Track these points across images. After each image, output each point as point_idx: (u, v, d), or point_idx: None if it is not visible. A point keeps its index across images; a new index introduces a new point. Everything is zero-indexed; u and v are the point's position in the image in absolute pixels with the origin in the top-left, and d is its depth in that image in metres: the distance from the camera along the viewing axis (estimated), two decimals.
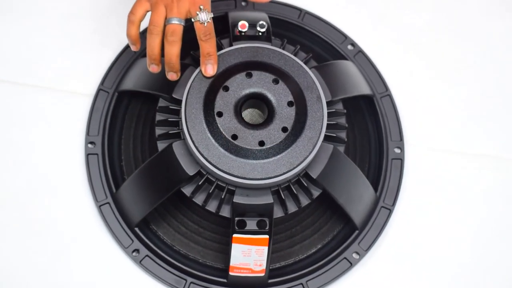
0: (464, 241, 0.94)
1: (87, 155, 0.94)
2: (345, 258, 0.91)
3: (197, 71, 0.86)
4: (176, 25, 0.83)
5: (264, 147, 0.83)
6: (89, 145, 0.94)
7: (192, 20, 0.84)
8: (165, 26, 0.83)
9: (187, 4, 0.84)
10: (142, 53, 0.97)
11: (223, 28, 0.94)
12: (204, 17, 0.83)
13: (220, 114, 0.84)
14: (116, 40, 0.99)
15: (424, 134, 0.99)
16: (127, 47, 0.98)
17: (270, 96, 0.85)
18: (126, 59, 0.98)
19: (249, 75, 0.86)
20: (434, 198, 0.96)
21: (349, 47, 1.02)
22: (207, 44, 0.84)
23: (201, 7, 0.83)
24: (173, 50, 0.83)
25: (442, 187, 0.96)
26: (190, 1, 0.84)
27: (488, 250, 0.94)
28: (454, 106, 1.01)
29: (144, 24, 0.86)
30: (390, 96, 0.99)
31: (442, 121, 1.00)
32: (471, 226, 0.95)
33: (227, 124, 0.84)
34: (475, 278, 0.93)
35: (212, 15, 0.84)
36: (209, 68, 0.84)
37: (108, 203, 0.92)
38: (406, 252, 0.93)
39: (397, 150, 0.97)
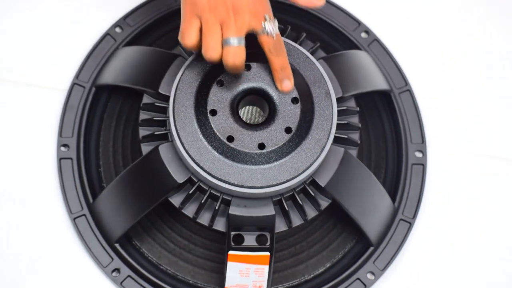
0: (496, 260, 0.96)
1: (60, 159, 0.95)
2: (358, 279, 0.93)
3: (187, 62, 0.87)
4: (237, 48, 0.80)
5: (264, 151, 0.85)
6: (62, 148, 0.96)
7: (257, 33, 0.81)
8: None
9: (247, 16, 0.79)
10: (124, 42, 1.00)
11: None
12: (271, 28, 0.80)
13: (214, 113, 0.86)
14: (93, 27, 1.01)
15: (449, 136, 1.01)
16: (106, 34, 1.00)
17: (271, 91, 0.87)
18: (106, 49, 0.99)
19: (247, 67, 0.87)
20: (461, 209, 0.98)
21: (363, 34, 1.04)
22: (279, 58, 0.83)
23: (266, 16, 0.80)
24: (237, 73, 0.83)
25: (471, 196, 0.98)
26: (251, 11, 0.79)
27: None
28: (485, 104, 1.03)
29: None
30: (410, 91, 1.01)
31: (471, 121, 1.02)
32: (506, 242, 0.96)
33: (222, 124, 0.85)
34: None
35: (277, 23, 0.82)
36: (287, 84, 0.84)
37: (84, 215, 0.93)
38: (428, 272, 0.95)
39: (419, 154, 0.99)
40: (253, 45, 0.83)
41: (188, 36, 0.80)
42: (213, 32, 0.79)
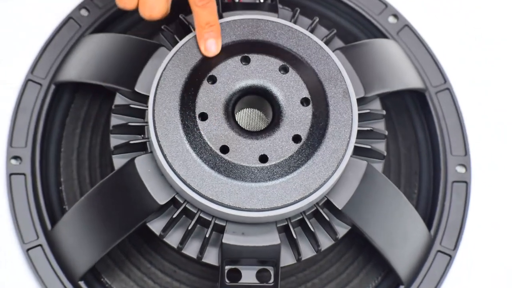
0: None
1: (10, 175, 0.96)
2: None
3: (170, 54, 0.88)
4: None
5: (267, 164, 0.86)
6: (13, 161, 0.97)
7: None
8: None
9: None
10: (91, 28, 1.01)
11: None
12: None
13: (204, 117, 0.87)
14: (53, 8, 1.02)
15: (499, 146, 1.02)
16: (69, 18, 1.01)
17: (276, 90, 0.88)
18: (68, 37, 1.01)
19: (246, 61, 0.89)
20: None
21: (391, 19, 1.05)
22: (206, 11, 0.85)
23: None
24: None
25: None
26: None
27: None
28: None
29: None
30: (449, 90, 1.02)
31: None
32: None
33: (214, 130, 0.86)
34: None
35: None
36: (211, 44, 0.85)
37: (40, 245, 0.94)
38: None
39: (461, 169, 1.00)
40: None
41: None
42: None
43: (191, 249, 0.89)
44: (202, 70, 0.88)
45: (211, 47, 0.86)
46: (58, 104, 1.00)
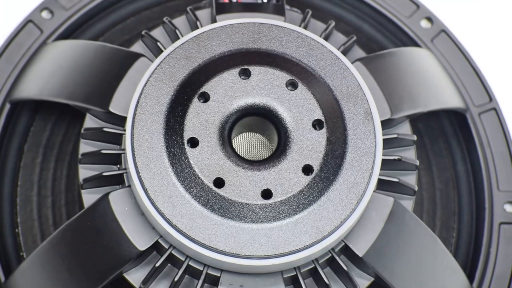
0: None
1: None
2: None
3: (153, 65, 0.91)
4: None
5: (271, 201, 0.88)
6: None
7: None
8: None
9: None
10: (55, 34, 1.04)
11: None
12: None
13: (194, 143, 0.89)
14: (8, 9, 1.07)
15: None
16: (28, 21, 1.04)
17: (282, 111, 0.91)
18: (26, 44, 1.04)
19: (246, 74, 0.92)
20: None
21: (424, 23, 1.08)
22: None
23: None
24: None
25: None
26: None
27: None
28: None
29: None
30: (496, 110, 1.05)
31: None
32: None
33: (206, 159, 0.89)
34: None
35: None
36: None
37: None
38: None
39: (510, 208, 1.03)
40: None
41: None
42: None
43: None
44: (192, 86, 0.91)
45: None
46: (14, 127, 1.03)
